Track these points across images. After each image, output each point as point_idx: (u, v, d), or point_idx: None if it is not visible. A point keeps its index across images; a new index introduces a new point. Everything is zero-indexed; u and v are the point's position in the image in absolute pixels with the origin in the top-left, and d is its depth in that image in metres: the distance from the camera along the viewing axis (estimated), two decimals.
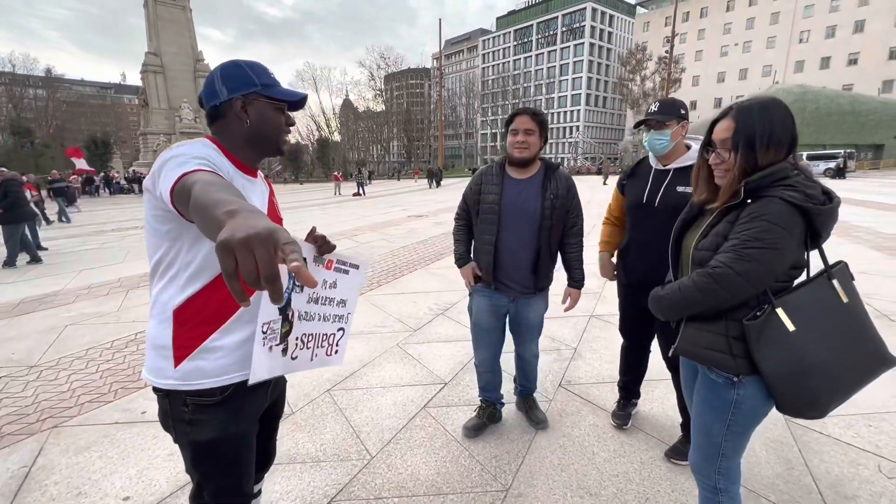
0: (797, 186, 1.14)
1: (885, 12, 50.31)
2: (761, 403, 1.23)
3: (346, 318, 1.29)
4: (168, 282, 1.06)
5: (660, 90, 52.28)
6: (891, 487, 1.90)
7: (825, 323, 1.16)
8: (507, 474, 2.05)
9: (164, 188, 0.88)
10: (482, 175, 2.16)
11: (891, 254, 6.27)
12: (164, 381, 1.08)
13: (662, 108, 1.96)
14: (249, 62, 1.14)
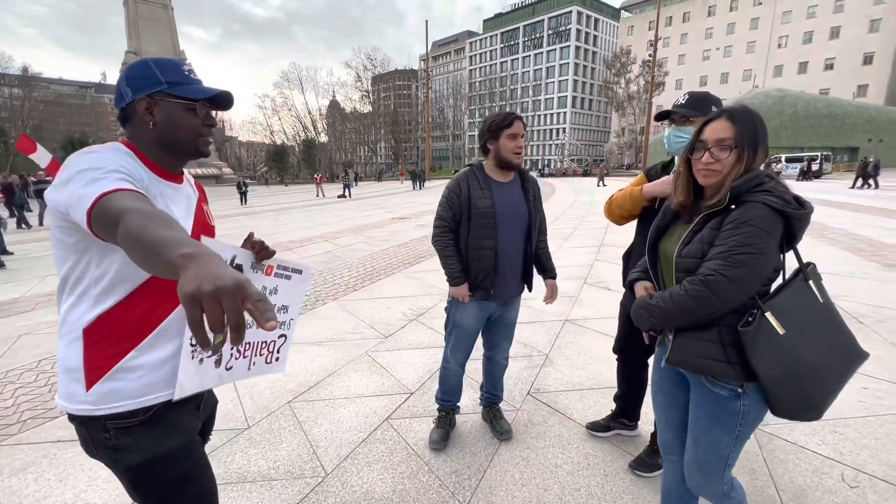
0: (775, 192, 1.16)
1: (858, 19, 51.82)
2: (761, 409, 1.24)
3: (288, 325, 1.26)
4: (77, 298, 0.97)
5: (644, 93, 52.97)
6: (853, 497, 1.87)
7: (808, 323, 1.19)
8: (466, 490, 1.97)
9: (79, 208, 0.81)
10: (467, 180, 2.07)
11: (862, 255, 6.37)
12: (77, 407, 0.98)
13: (691, 101, 1.74)
14: (160, 59, 1.05)
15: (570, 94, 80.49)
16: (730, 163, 1.21)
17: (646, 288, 1.45)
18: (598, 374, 3.04)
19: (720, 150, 1.21)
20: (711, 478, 1.34)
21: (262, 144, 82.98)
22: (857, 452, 2.15)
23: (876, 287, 4.83)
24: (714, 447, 1.30)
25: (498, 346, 2.35)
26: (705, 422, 1.31)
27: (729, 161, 1.21)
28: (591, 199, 17.63)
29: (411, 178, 34.67)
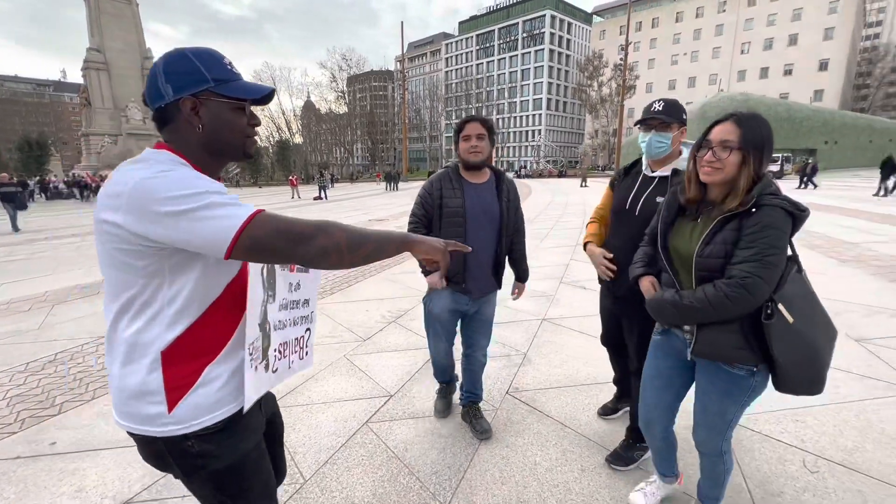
0: (780, 195, 1.30)
1: (815, 27, 54.59)
2: (766, 383, 1.43)
3: (312, 318, 1.28)
4: (148, 321, 0.92)
5: (616, 96, 54.25)
6: (814, 482, 1.97)
7: (807, 310, 1.33)
8: (446, 491, 1.98)
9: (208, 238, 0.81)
10: (440, 181, 2.19)
11: (820, 252, 6.71)
12: (162, 430, 0.95)
13: (668, 108, 1.84)
14: (199, 51, 0.95)
15: (544, 96, 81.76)
16: (732, 163, 1.31)
17: (652, 283, 1.59)
18: (574, 371, 3.10)
19: (722, 149, 1.33)
20: (715, 437, 1.55)
21: None
22: (817, 439, 2.26)
23: (832, 281, 5.09)
24: (722, 414, 1.50)
25: (476, 343, 2.39)
26: (718, 396, 1.48)
27: (731, 161, 1.31)
28: (566, 200, 17.94)
29: (385, 180, 34.70)
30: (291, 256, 0.87)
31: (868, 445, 2.20)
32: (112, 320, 0.94)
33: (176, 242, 0.83)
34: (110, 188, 0.84)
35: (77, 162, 41.40)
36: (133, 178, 0.83)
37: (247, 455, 1.06)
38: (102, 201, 0.85)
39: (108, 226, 0.84)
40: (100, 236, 0.87)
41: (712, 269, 1.35)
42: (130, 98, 35.58)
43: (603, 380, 2.95)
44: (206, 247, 0.83)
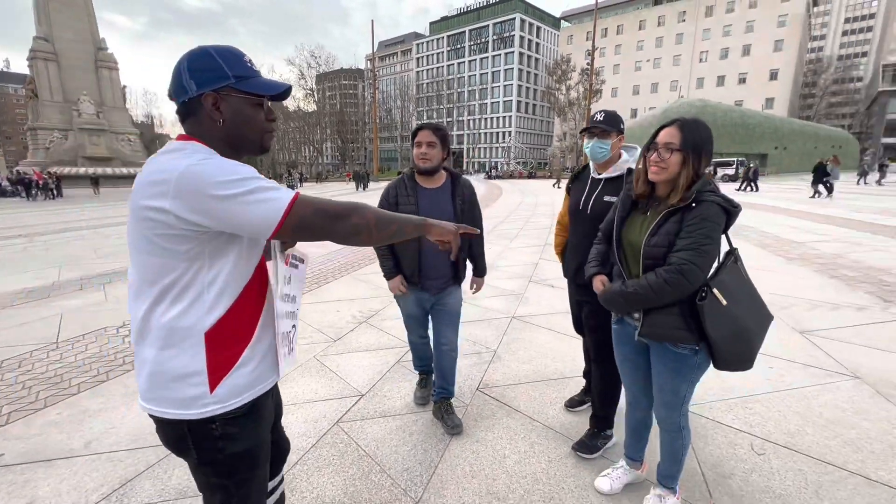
0: (718, 193, 1.48)
1: (766, 39, 57.87)
2: (708, 362, 1.58)
3: (296, 315, 1.30)
4: (189, 304, 0.97)
5: (583, 100, 55.68)
6: (760, 463, 2.12)
7: (740, 295, 1.51)
8: (418, 486, 2.00)
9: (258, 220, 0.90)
10: (396, 187, 2.34)
11: (770, 250, 7.14)
12: (201, 411, 1.00)
13: (607, 119, 2.09)
14: (221, 49, 1.01)
15: (514, 98, 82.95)
16: (674, 163, 1.48)
17: (602, 282, 1.76)
18: (543, 366, 3.19)
19: (666, 151, 1.50)
20: (672, 412, 1.70)
21: None
22: (764, 424, 2.43)
23: (780, 278, 5.44)
24: (675, 391, 1.65)
25: (443, 334, 2.46)
26: (669, 375, 1.64)
27: (673, 161, 1.48)
28: (536, 201, 18.28)
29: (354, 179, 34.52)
30: (330, 233, 0.99)
31: (808, 429, 2.38)
32: (148, 307, 0.97)
33: (223, 224, 0.90)
34: (151, 177, 0.89)
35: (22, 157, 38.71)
36: (178, 166, 0.87)
37: (263, 441, 1.14)
38: (144, 189, 0.89)
39: (152, 212, 0.88)
40: (139, 223, 0.91)
41: (657, 258, 1.52)
42: (83, 91, 33.60)
43: (570, 374, 3.05)
44: (254, 227, 0.91)
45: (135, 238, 0.94)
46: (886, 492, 1.91)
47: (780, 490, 1.94)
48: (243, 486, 1.12)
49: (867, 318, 3.99)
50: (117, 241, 9.29)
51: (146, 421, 2.51)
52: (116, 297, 5.09)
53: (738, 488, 1.96)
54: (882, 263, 6.05)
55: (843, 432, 2.34)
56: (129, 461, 2.18)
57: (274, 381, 1.16)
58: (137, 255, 0.96)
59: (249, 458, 1.10)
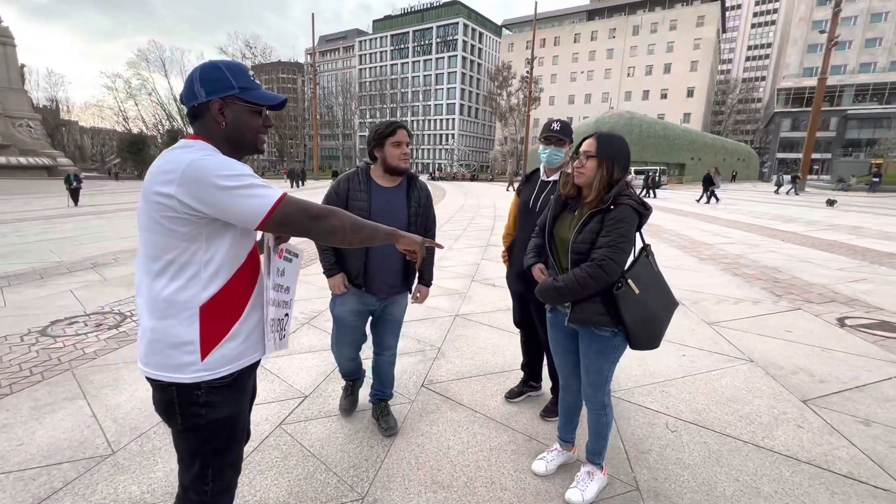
0: (633, 197, 1.70)
1: (684, 59, 63.63)
2: (625, 343, 1.80)
3: (290, 304, 1.42)
4: (188, 281, 1.10)
5: (523, 106, 57.79)
6: (674, 439, 2.39)
7: (651, 285, 1.75)
8: (364, 482, 2.04)
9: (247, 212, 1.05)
10: (349, 181, 2.19)
11: (687, 252, 7.92)
12: (192, 376, 1.13)
13: (563, 129, 2.35)
14: (229, 63, 1.18)
15: (458, 101, 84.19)
16: (590, 167, 1.72)
17: (541, 270, 1.94)
18: (484, 361, 3.33)
19: (585, 158, 1.75)
20: (597, 391, 1.91)
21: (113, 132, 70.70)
22: (676, 405, 2.73)
23: (693, 275, 6.07)
24: (598, 371, 1.87)
25: (384, 343, 2.42)
26: (594, 356, 1.86)
27: (589, 166, 1.72)
28: (478, 203, 18.72)
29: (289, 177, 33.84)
30: (309, 231, 1.14)
31: (713, 407, 2.71)
32: (150, 280, 1.12)
33: (217, 212, 1.05)
34: (162, 167, 1.04)
35: None
36: (185, 159, 1.03)
37: (240, 412, 1.26)
38: (155, 178, 1.04)
39: (160, 197, 1.03)
40: (148, 206, 1.06)
41: (582, 253, 1.73)
42: None
43: (509, 368, 3.22)
44: (243, 218, 1.06)
45: (143, 219, 1.08)
46: (770, 455, 2.25)
47: (688, 461, 2.21)
48: (219, 457, 1.24)
49: (761, 310, 4.58)
50: (15, 240, 8.27)
51: (62, 435, 2.32)
52: (18, 302, 4.56)
53: (654, 462, 2.20)
54: (774, 263, 6.94)
55: (740, 408, 2.70)
56: (44, 479, 2.00)
57: (258, 358, 1.29)
58: (144, 234, 1.10)
59: (228, 426, 1.22)
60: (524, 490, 2.01)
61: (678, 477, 2.09)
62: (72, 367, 3.11)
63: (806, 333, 3.93)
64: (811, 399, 2.80)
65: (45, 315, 4.17)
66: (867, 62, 53.66)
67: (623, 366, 2.91)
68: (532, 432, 2.46)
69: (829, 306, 4.72)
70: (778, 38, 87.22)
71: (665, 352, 3.41)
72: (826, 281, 5.80)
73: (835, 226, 11.72)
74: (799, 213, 15.11)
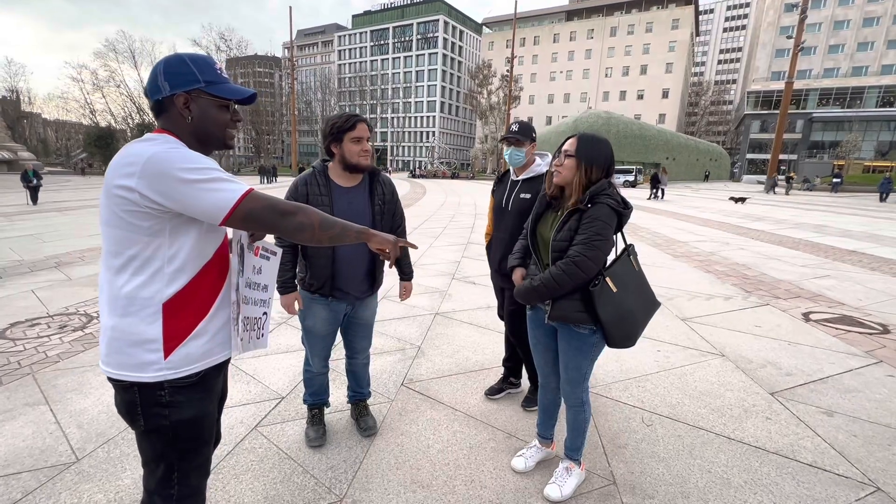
0: (613, 196, 1.71)
1: (659, 61, 65.11)
2: (603, 342, 1.81)
3: (269, 303, 1.40)
4: (150, 277, 1.07)
5: (503, 105, 58.10)
6: (649, 433, 2.44)
7: (630, 284, 1.78)
8: (342, 483, 2.01)
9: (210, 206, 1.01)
10: (306, 185, 2.01)
11: (662, 249, 8.11)
12: (153, 375, 1.09)
13: (521, 129, 2.39)
14: (194, 56, 1.14)
15: (438, 99, 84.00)
16: (570, 167, 1.74)
17: (521, 275, 1.98)
18: (465, 359, 3.34)
19: (564, 157, 1.77)
20: (576, 388, 1.92)
21: (79, 125, 67.73)
22: (652, 399, 2.79)
23: (668, 272, 6.22)
24: (577, 368, 1.88)
25: (356, 347, 2.35)
26: (573, 353, 1.87)
27: (568, 165, 1.74)
28: (459, 201, 18.74)
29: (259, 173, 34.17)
30: (276, 227, 1.10)
31: (686, 400, 2.79)
32: (111, 276, 1.08)
33: (179, 206, 1.01)
34: (123, 160, 1.01)
35: None
36: (146, 152, 1.00)
37: (206, 414, 1.22)
38: (116, 170, 1.01)
39: (121, 190, 1.00)
40: (109, 199, 1.03)
41: (562, 251, 1.74)
42: None
43: (490, 365, 3.23)
44: (205, 212, 1.03)
45: (105, 214, 1.05)
46: (740, 447, 2.32)
47: (663, 454, 2.26)
48: (185, 460, 1.20)
49: (732, 306, 4.73)
50: None
51: (22, 443, 2.21)
52: None
53: (630, 456, 2.24)
54: (744, 260, 7.18)
55: (712, 401, 2.77)
56: (1, 490, 1.90)
57: (226, 357, 1.26)
58: (105, 229, 1.06)
59: (193, 427, 1.19)
60: (504, 487, 2.02)
61: (653, 470, 2.13)
62: (33, 371, 2.96)
63: (774, 328, 4.08)
64: (779, 391, 2.91)
65: (5, 316, 3.97)
66: (830, 67, 56.09)
67: (600, 362, 2.95)
68: (512, 429, 2.47)
69: (796, 301, 4.91)
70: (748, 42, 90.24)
71: (641, 348, 3.48)
72: (792, 277, 6.04)
73: (800, 224, 12.21)
74: (766, 212, 15.67)
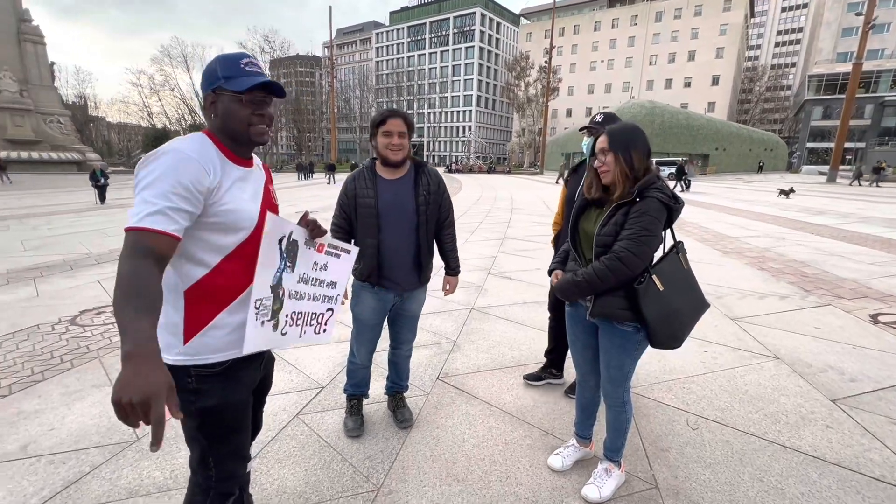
0: (663, 190, 1.63)
1: (709, 46, 61.47)
2: (646, 340, 1.74)
3: (336, 299, 1.47)
4: (175, 265, 1.12)
5: (541, 97, 56.91)
6: (694, 437, 2.33)
7: (677, 282, 1.71)
8: (379, 473, 2.05)
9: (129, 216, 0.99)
10: (354, 180, 2.16)
11: (710, 245, 7.70)
12: (174, 358, 1.14)
13: (605, 120, 2.36)
14: (227, 55, 1.17)
15: (475, 93, 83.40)
16: (611, 162, 1.67)
17: (556, 276, 1.94)
18: (500, 355, 3.31)
19: (603, 154, 1.70)
20: (617, 388, 1.86)
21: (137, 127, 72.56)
22: (698, 402, 2.67)
23: (716, 270, 5.90)
24: (619, 366, 1.82)
25: (401, 338, 2.40)
26: (615, 351, 1.80)
27: (609, 160, 1.67)
28: (495, 195, 18.59)
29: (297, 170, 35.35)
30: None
31: (735, 404, 2.64)
32: None
33: None
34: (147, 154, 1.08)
35: None
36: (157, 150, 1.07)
37: (232, 404, 1.24)
38: None
39: None
40: None
41: (606, 246, 1.67)
42: (3, 66, 30.44)
43: (526, 362, 3.19)
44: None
45: None
46: (797, 456, 2.17)
47: (710, 460, 2.15)
48: (216, 446, 1.24)
49: (788, 305, 4.43)
50: (46, 233, 8.57)
51: (90, 421, 2.40)
52: (49, 292, 4.73)
53: (674, 460, 2.15)
54: (802, 257, 6.70)
55: (765, 407, 2.61)
56: (73, 462, 2.07)
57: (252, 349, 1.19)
58: None
59: (218, 415, 1.21)
60: (540, 486, 1.99)
61: (699, 476, 2.04)
62: (99, 355, 3.21)
63: (836, 330, 3.78)
64: (841, 398, 2.70)
65: (75, 305, 4.32)
66: None
67: (641, 361, 2.83)
68: (548, 427, 2.43)
69: (862, 302, 4.53)
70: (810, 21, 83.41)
71: (686, 348, 3.31)
72: (858, 276, 5.57)
73: (868, 218, 11.24)
74: (828, 205, 14.52)
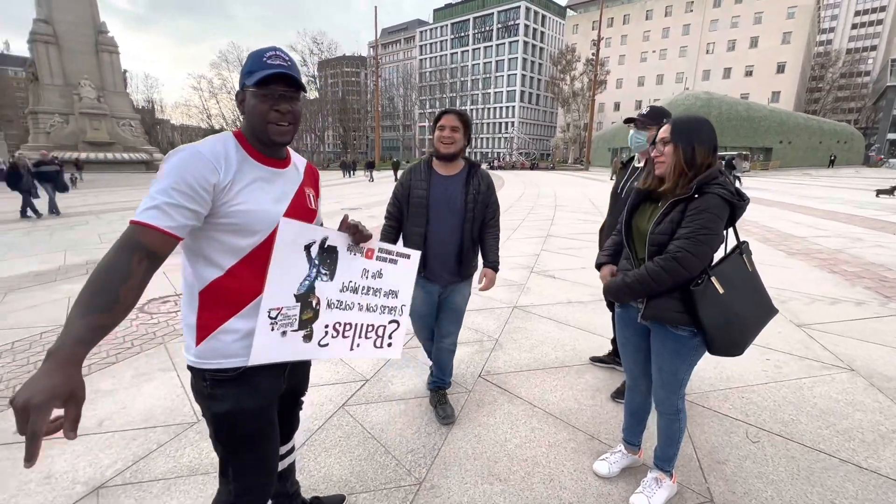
0: (726, 186, 1.51)
1: (774, 31, 57.04)
2: (703, 346, 1.63)
3: (400, 310, 1.35)
4: (193, 266, 1.11)
5: (587, 91, 55.17)
6: (754, 451, 2.18)
7: (739, 286, 1.60)
8: (421, 467, 2.07)
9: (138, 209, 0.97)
10: (411, 172, 2.31)
11: (771, 244, 7.17)
12: (189, 358, 1.14)
13: (650, 113, 2.34)
14: (256, 50, 1.13)
15: (518, 88, 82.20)
16: (669, 153, 1.57)
17: (610, 272, 1.87)
18: (543, 355, 3.25)
19: (662, 145, 1.61)
20: (671, 395, 1.76)
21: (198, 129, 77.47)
22: (759, 413, 2.49)
23: (780, 272, 5.48)
24: (674, 372, 1.71)
25: (444, 330, 2.42)
26: (669, 356, 1.70)
27: (668, 152, 1.57)
28: (538, 192, 18.26)
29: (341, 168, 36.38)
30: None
31: (802, 418, 2.44)
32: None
33: None
34: None
35: (23, 141, 38.50)
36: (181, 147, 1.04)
37: (247, 411, 1.17)
38: None
39: None
40: None
41: (661, 244, 1.58)
42: (83, 75, 33.39)
43: (570, 363, 3.11)
44: None
45: None
46: (876, 479, 1.97)
47: (773, 476, 2.00)
48: (234, 456, 1.21)
49: (865, 312, 4.04)
50: (121, 227, 9.33)
51: (157, 402, 2.58)
52: None
53: (731, 474, 2.02)
54: (882, 260, 6.08)
55: (836, 422, 2.40)
56: (141, 440, 2.25)
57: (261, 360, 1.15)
58: None
59: (230, 422, 1.17)
60: (585, 491, 1.93)
61: (760, 493, 1.90)
62: (164, 341, 3.46)
63: None
64: None
65: (144, 293, 4.66)
66: None
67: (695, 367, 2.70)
68: (594, 431, 2.36)
69: None
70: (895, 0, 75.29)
71: (746, 355, 3.05)
72: None
73: None
74: None
